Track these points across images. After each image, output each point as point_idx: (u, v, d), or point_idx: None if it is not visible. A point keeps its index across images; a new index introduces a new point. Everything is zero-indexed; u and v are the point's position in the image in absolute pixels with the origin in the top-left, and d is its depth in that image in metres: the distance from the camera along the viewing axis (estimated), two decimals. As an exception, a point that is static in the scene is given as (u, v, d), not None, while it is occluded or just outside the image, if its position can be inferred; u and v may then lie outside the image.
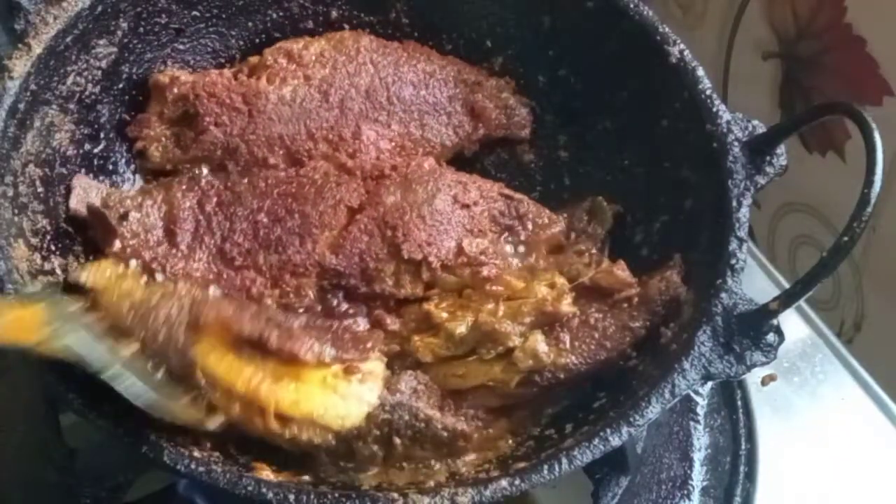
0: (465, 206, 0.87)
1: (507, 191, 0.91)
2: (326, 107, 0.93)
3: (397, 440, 0.74)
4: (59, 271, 0.81)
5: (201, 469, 0.66)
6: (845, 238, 0.68)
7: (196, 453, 0.70)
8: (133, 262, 0.84)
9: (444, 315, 0.82)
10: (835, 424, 1.00)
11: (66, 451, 0.84)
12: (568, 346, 0.78)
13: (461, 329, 0.80)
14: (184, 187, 0.87)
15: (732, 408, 0.99)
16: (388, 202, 0.85)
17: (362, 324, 0.82)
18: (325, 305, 0.83)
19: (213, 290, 0.82)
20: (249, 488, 0.65)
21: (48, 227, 0.82)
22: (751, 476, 0.95)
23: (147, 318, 0.74)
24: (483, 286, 0.84)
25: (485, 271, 0.84)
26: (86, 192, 0.86)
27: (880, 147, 0.71)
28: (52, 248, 0.82)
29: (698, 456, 0.94)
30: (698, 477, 0.93)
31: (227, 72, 0.95)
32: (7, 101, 0.78)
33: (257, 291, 0.83)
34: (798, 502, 0.94)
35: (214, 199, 0.86)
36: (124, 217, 0.84)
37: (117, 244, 0.83)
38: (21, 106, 0.80)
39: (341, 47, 0.96)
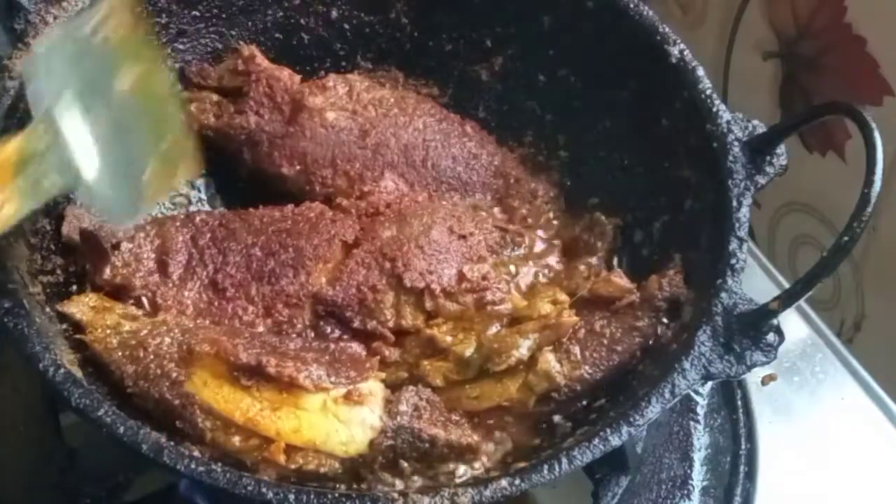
0: (462, 237, 0.87)
1: (500, 223, 0.91)
2: (361, 145, 0.93)
3: (404, 463, 0.73)
4: (59, 271, 0.81)
5: (201, 469, 0.65)
6: (845, 238, 0.68)
7: (196, 453, 0.70)
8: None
9: (449, 339, 0.81)
10: (835, 424, 1.00)
11: (66, 451, 0.84)
12: (579, 356, 0.78)
13: (469, 351, 0.80)
14: (177, 224, 0.86)
15: (732, 408, 0.99)
16: (385, 236, 0.85)
17: (357, 348, 0.82)
18: (317, 332, 0.83)
19: (202, 322, 0.81)
20: (249, 488, 0.65)
21: (48, 227, 0.82)
22: (751, 476, 0.95)
23: (137, 352, 0.74)
24: (485, 307, 0.84)
25: (488, 296, 0.84)
26: (78, 221, 0.85)
27: (880, 147, 0.70)
28: (52, 247, 0.82)
29: (698, 456, 0.94)
30: (698, 477, 0.93)
31: (297, 76, 0.95)
32: (7, 101, 0.78)
33: (248, 320, 0.82)
34: (798, 502, 0.94)
35: (208, 235, 0.85)
36: (116, 246, 0.83)
37: (108, 272, 0.82)
38: (21, 105, 0.79)
39: (402, 103, 0.96)
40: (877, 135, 0.71)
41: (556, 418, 0.79)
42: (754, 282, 1.09)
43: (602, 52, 0.92)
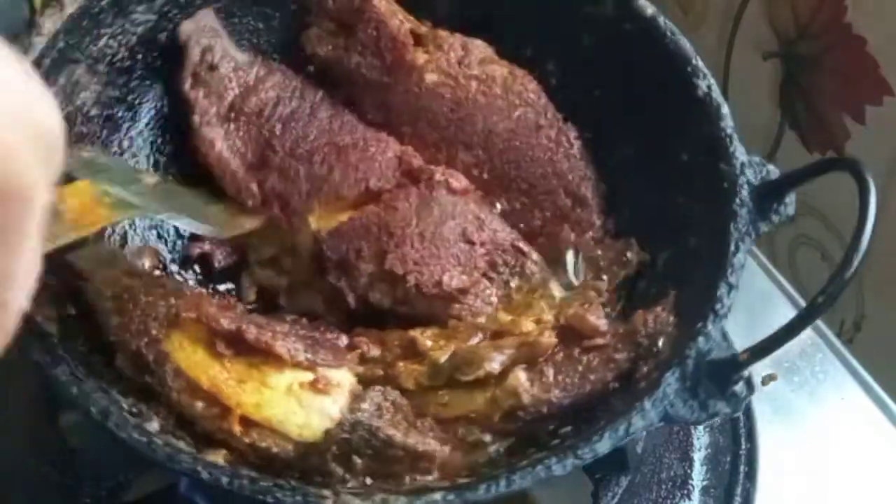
0: (470, 243, 0.85)
1: (521, 244, 0.88)
2: (448, 116, 0.91)
3: (357, 459, 0.72)
4: None
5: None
6: (820, 298, 0.67)
7: (184, 448, 0.70)
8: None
9: (429, 343, 0.81)
10: (835, 424, 1.00)
11: (66, 451, 0.84)
12: (551, 379, 0.76)
13: (443, 358, 0.79)
14: (277, 77, 0.91)
15: (732, 408, 0.99)
16: (400, 208, 0.85)
17: (342, 340, 0.82)
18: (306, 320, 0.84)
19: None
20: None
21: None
22: (751, 476, 0.95)
23: (126, 306, 0.76)
24: (458, 317, 0.83)
25: (455, 309, 0.83)
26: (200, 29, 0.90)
27: (873, 208, 0.69)
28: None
29: (698, 456, 0.94)
30: (698, 477, 0.93)
31: (407, 25, 0.93)
32: (31, 55, 0.79)
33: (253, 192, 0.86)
34: (798, 502, 0.94)
35: (290, 108, 0.89)
36: (213, 68, 0.87)
37: (189, 82, 0.88)
38: (46, 62, 0.80)
39: (510, 87, 0.92)
40: (872, 197, 0.70)
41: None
42: (754, 281, 1.09)
43: (635, 78, 0.90)
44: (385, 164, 0.87)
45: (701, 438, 0.95)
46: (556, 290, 0.87)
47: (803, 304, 1.08)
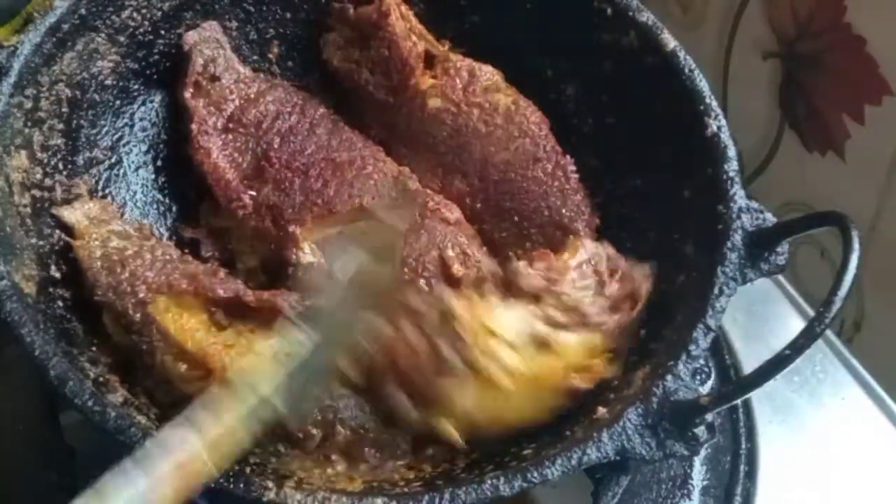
0: (449, 277, 0.84)
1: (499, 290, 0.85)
2: (446, 141, 0.91)
3: (340, 428, 0.73)
4: (58, 189, 0.82)
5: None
6: (787, 351, 0.67)
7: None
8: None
9: None
10: (835, 424, 1.00)
11: (66, 451, 0.85)
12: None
13: None
14: (279, 92, 0.91)
15: (732, 407, 0.99)
16: None
17: None
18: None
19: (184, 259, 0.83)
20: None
21: (62, 146, 0.82)
22: (751, 475, 0.95)
23: (115, 267, 0.77)
24: None
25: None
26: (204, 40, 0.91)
27: (853, 267, 0.69)
28: (61, 167, 0.83)
29: (698, 455, 0.94)
30: (698, 476, 0.94)
31: (420, 49, 0.93)
32: (50, 20, 0.79)
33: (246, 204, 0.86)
34: (798, 501, 0.94)
35: (288, 122, 0.89)
36: (215, 78, 0.88)
37: (190, 91, 0.88)
38: (65, 27, 0.81)
39: (512, 118, 0.92)
40: (854, 256, 0.70)
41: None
42: (755, 282, 1.09)
43: (649, 110, 0.90)
44: (381, 184, 0.88)
45: (701, 438, 0.95)
46: None
47: (802, 303, 1.08)
